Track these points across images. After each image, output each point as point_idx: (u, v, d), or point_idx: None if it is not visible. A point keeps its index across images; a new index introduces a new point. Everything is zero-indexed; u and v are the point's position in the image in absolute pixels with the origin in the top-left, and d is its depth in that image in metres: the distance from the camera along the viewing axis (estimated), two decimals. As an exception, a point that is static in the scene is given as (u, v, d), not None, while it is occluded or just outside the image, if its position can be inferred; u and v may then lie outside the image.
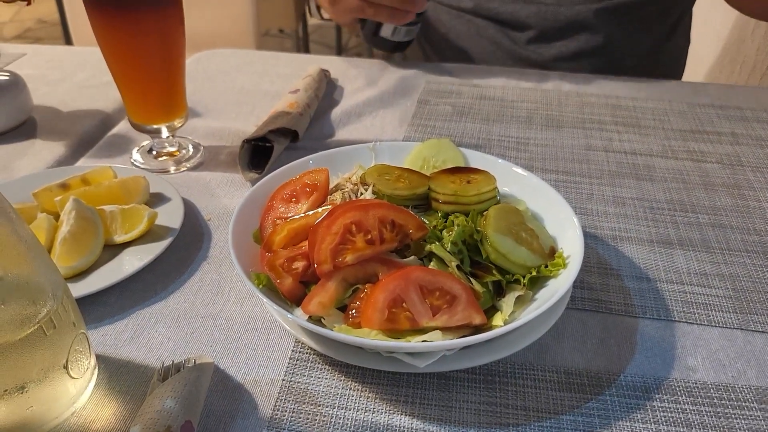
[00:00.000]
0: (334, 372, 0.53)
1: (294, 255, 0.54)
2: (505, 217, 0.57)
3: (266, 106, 0.93)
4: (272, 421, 0.49)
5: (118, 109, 0.94)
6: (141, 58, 0.72)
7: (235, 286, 0.62)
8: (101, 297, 0.60)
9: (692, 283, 0.62)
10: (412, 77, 1.02)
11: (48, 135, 0.87)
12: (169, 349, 0.55)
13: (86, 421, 0.49)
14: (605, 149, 0.84)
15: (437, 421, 0.49)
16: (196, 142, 0.85)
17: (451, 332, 0.50)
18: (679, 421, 0.49)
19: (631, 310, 0.59)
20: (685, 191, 0.76)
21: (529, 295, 0.54)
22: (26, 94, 0.89)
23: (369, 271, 0.53)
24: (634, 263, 0.65)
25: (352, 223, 0.53)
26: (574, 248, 0.55)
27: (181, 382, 0.48)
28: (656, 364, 0.54)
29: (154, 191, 0.71)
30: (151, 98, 0.76)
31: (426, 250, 0.55)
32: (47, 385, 0.46)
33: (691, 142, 0.85)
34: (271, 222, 0.61)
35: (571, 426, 0.49)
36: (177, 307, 0.59)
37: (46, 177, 0.72)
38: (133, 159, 0.82)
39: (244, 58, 1.11)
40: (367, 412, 0.50)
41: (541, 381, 0.52)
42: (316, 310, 0.51)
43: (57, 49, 1.16)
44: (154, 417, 0.45)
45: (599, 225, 0.70)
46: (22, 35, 3.99)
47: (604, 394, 0.51)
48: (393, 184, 0.61)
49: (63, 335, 0.46)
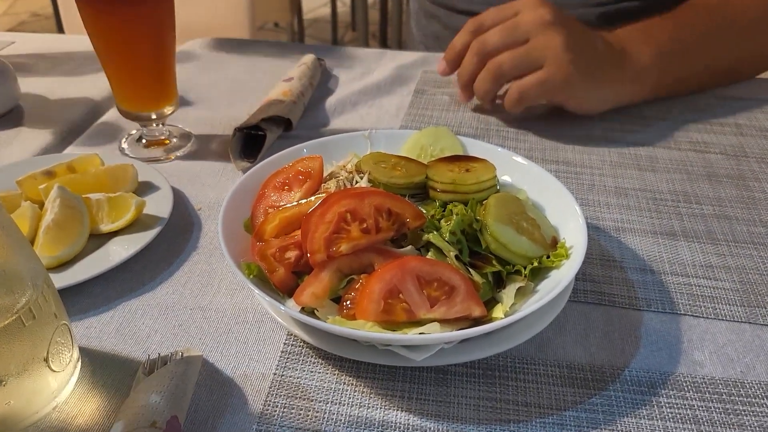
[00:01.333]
0: (328, 366, 0.51)
1: (286, 244, 0.52)
2: (506, 206, 0.55)
3: (259, 95, 0.91)
4: (263, 416, 0.47)
5: (107, 97, 0.92)
6: (130, 44, 0.70)
7: (226, 277, 0.60)
8: (86, 287, 0.58)
9: (697, 276, 0.60)
10: (409, 66, 1.00)
11: (35, 123, 0.85)
12: (156, 341, 0.53)
13: (68, 416, 0.47)
14: (606, 139, 0.82)
15: (435, 417, 0.47)
16: (187, 130, 0.83)
17: (450, 324, 0.48)
18: (687, 417, 0.47)
19: (635, 303, 0.57)
20: (689, 182, 0.74)
21: (530, 286, 0.52)
22: (13, 82, 0.87)
23: (364, 261, 0.51)
24: (638, 255, 0.63)
25: (346, 211, 0.51)
26: (576, 238, 0.53)
27: (167, 376, 0.46)
28: (662, 359, 0.52)
29: (143, 180, 0.69)
30: (141, 84, 0.74)
31: (423, 240, 0.53)
32: (26, 378, 0.44)
33: (694, 133, 0.84)
34: (262, 211, 0.59)
35: (574, 422, 0.47)
36: (165, 299, 0.57)
37: (31, 165, 0.69)
38: (121, 147, 0.79)
39: (237, 46, 1.09)
40: (362, 408, 0.48)
41: (543, 376, 0.50)
42: (309, 301, 0.48)
43: (46, 37, 1.14)
44: (138, 412, 0.43)
45: (601, 216, 0.68)
46: (15, 28, 3.95)
47: (608, 390, 0.49)
48: (389, 172, 0.59)
49: (43, 326, 0.44)
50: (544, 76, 0.77)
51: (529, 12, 0.78)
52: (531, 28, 0.77)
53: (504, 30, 0.79)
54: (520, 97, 0.79)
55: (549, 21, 0.77)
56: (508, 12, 0.81)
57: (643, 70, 0.83)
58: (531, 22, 0.77)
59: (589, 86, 0.80)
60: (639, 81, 0.84)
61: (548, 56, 0.77)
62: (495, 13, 0.82)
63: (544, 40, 0.77)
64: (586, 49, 0.78)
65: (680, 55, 0.85)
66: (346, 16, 3.86)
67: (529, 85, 0.78)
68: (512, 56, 0.78)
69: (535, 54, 0.77)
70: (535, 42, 0.77)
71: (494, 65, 0.80)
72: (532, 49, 0.77)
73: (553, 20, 0.77)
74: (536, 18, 0.77)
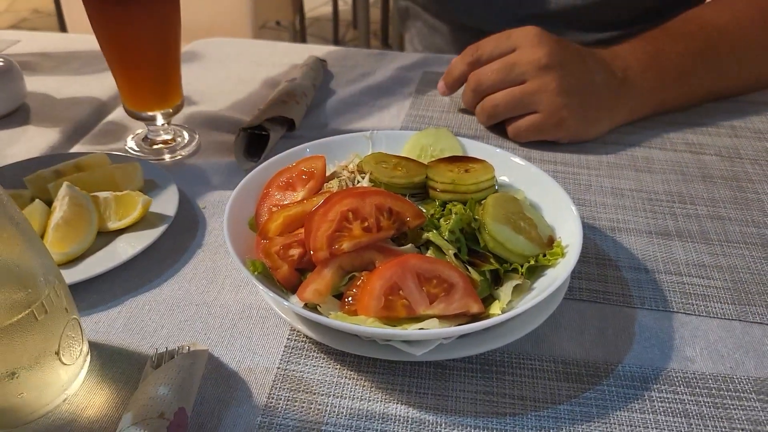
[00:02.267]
0: (330, 360, 0.52)
1: (290, 242, 0.54)
2: (504, 206, 0.57)
3: (263, 95, 0.92)
4: (267, 408, 0.48)
5: (113, 96, 0.93)
6: (136, 43, 0.71)
7: (230, 274, 0.61)
8: (94, 284, 0.59)
9: (690, 275, 0.62)
10: (410, 68, 1.02)
11: (41, 122, 0.86)
12: (162, 336, 0.55)
13: (78, 408, 0.48)
14: (603, 141, 0.83)
15: (433, 410, 0.49)
16: (192, 130, 0.84)
17: (448, 321, 0.50)
18: (677, 411, 0.49)
19: (629, 301, 0.59)
20: (684, 183, 0.75)
21: (526, 284, 0.54)
22: (20, 80, 0.88)
23: (365, 259, 0.52)
24: (633, 254, 0.64)
25: (348, 210, 0.52)
26: (572, 237, 0.55)
27: (174, 369, 0.47)
28: (654, 355, 0.53)
29: (149, 178, 0.70)
30: (146, 84, 0.75)
31: (423, 239, 0.54)
32: (38, 371, 0.45)
33: (690, 135, 0.85)
34: (267, 209, 0.60)
35: (569, 416, 0.48)
36: (171, 295, 0.59)
37: (39, 163, 0.71)
38: (127, 146, 0.81)
39: (241, 47, 1.10)
40: (363, 401, 0.49)
41: (539, 371, 0.52)
42: (312, 297, 0.50)
43: (51, 36, 1.15)
44: (147, 403, 0.44)
45: (597, 216, 0.70)
46: (17, 25, 3.96)
47: (602, 384, 0.51)
48: (390, 172, 0.61)
49: (55, 321, 0.46)
50: (537, 121, 0.79)
51: (527, 51, 0.78)
52: (526, 70, 0.78)
53: (500, 71, 0.80)
54: (514, 136, 0.82)
55: (544, 64, 0.77)
56: (505, 46, 0.80)
57: (645, 96, 0.84)
58: (527, 63, 0.78)
59: (583, 125, 0.81)
60: (639, 108, 0.85)
61: (542, 101, 0.78)
62: (493, 44, 0.81)
63: (539, 85, 0.78)
64: (582, 88, 0.79)
65: (686, 79, 0.85)
66: (348, 14, 3.87)
67: (523, 127, 0.80)
68: (507, 98, 0.80)
69: (528, 98, 0.79)
70: (530, 86, 0.78)
71: (489, 105, 0.82)
72: (527, 94, 0.78)
73: (548, 63, 0.77)
74: (533, 60, 0.77)
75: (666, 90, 0.85)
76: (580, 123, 0.80)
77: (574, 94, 0.78)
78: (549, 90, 0.77)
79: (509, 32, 0.81)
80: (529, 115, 0.80)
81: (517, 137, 0.81)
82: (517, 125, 0.81)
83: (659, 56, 0.84)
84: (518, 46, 0.80)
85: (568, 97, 0.78)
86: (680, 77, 0.85)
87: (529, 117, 0.80)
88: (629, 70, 0.82)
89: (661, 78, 0.84)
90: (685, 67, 0.85)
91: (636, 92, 0.83)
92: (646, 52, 0.84)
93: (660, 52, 0.84)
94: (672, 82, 0.85)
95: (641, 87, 0.83)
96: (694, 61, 0.85)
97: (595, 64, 0.81)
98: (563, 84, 0.77)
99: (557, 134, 0.81)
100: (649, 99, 0.84)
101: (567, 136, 0.81)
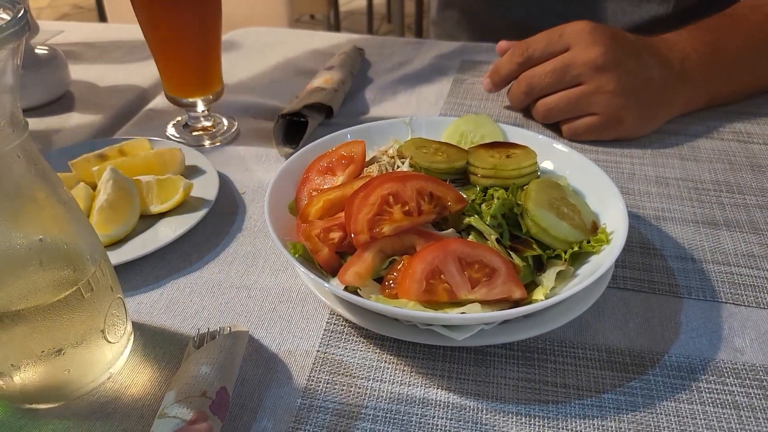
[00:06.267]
0: (369, 344, 0.52)
1: (330, 225, 0.54)
2: (546, 192, 0.56)
3: (300, 83, 0.92)
4: (307, 391, 0.48)
5: (155, 84, 0.94)
6: (178, 30, 0.72)
7: (270, 258, 0.61)
8: (137, 266, 0.60)
9: (739, 265, 0.60)
10: (448, 56, 1.01)
11: (85, 109, 0.88)
12: (203, 318, 0.55)
13: (122, 385, 0.49)
14: (647, 129, 0.81)
15: (474, 395, 0.48)
16: (231, 116, 0.85)
17: (490, 306, 0.49)
18: (727, 402, 0.47)
19: (675, 290, 0.57)
20: (731, 172, 0.73)
21: (570, 270, 0.53)
22: (64, 68, 0.90)
23: (406, 243, 0.52)
24: (679, 243, 0.63)
25: (389, 194, 0.52)
26: (617, 224, 0.54)
27: (216, 349, 0.48)
28: (702, 345, 0.52)
29: (189, 164, 0.71)
30: (188, 71, 0.76)
31: (465, 223, 0.54)
32: (84, 348, 0.46)
33: (737, 123, 0.82)
34: (306, 193, 0.60)
35: (613, 405, 0.47)
36: (211, 278, 0.59)
37: (83, 148, 0.72)
38: (168, 133, 0.82)
39: (279, 36, 1.10)
40: (403, 385, 0.49)
41: (582, 359, 0.51)
42: (353, 280, 0.50)
43: (94, 27, 1.17)
44: (189, 382, 0.45)
45: (641, 205, 0.68)
46: (58, 20, 4.04)
47: (648, 374, 0.50)
48: (431, 157, 0.60)
49: (100, 299, 0.46)
50: (595, 123, 0.77)
51: (581, 51, 0.75)
52: (582, 72, 0.75)
53: (554, 73, 0.77)
54: (571, 136, 0.79)
55: (600, 65, 0.74)
56: (557, 45, 0.78)
57: (699, 89, 0.81)
58: (582, 64, 0.75)
59: (641, 123, 0.78)
60: (693, 100, 0.82)
61: (600, 103, 0.76)
62: (544, 43, 0.78)
63: (595, 87, 0.75)
64: (640, 87, 0.76)
65: (742, 75, 0.83)
66: (382, 8, 3.86)
67: (581, 129, 0.78)
68: (562, 101, 0.77)
69: (585, 101, 0.76)
70: (587, 88, 0.76)
71: (543, 108, 0.80)
72: (584, 96, 0.76)
73: (604, 63, 0.74)
74: (588, 60, 0.75)
75: (721, 85, 0.82)
76: (638, 122, 0.78)
77: (631, 93, 0.76)
78: (606, 92, 0.75)
79: (561, 29, 0.78)
80: (586, 116, 0.78)
81: (574, 138, 0.79)
82: (573, 126, 0.78)
83: (718, 49, 0.80)
84: (571, 44, 0.77)
85: (626, 97, 0.75)
86: (737, 73, 0.82)
87: (586, 119, 0.77)
88: (687, 62, 0.79)
89: (718, 72, 0.80)
90: (743, 64, 0.81)
91: (691, 84, 0.80)
92: (705, 42, 0.80)
93: (719, 45, 0.80)
94: (728, 78, 0.82)
95: (696, 80, 0.80)
96: (753, 57, 0.82)
97: (650, 58, 0.78)
98: (620, 84, 0.75)
99: (615, 134, 0.78)
100: (704, 92, 0.82)
101: (625, 135, 0.79)
